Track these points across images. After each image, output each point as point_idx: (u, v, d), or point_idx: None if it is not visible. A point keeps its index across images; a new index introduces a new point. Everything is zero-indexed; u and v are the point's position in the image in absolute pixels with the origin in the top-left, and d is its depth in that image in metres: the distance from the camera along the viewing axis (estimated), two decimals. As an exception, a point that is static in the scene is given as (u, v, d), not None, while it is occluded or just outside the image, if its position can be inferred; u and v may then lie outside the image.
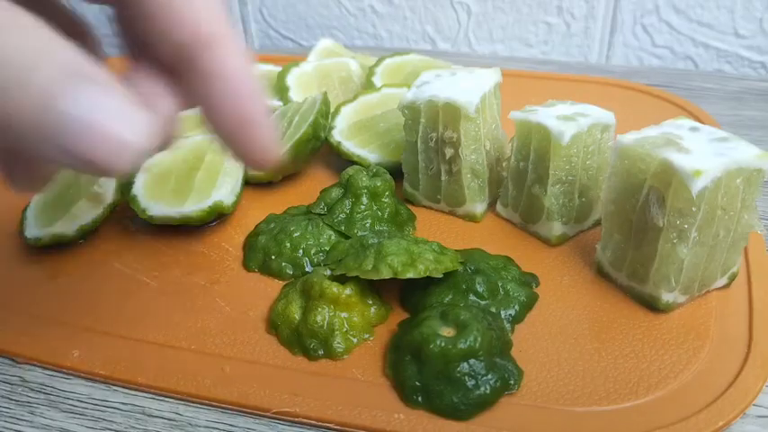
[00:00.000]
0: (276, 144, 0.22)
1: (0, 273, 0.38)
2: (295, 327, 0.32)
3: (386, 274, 0.32)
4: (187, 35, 0.20)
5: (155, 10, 0.20)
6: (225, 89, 0.21)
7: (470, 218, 0.41)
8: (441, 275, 0.33)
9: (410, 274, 0.32)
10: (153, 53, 0.21)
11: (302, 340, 0.32)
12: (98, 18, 0.31)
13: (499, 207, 0.41)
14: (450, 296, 0.33)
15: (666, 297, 0.33)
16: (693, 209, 0.30)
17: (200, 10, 0.20)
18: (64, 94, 0.17)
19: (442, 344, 0.29)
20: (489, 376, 0.29)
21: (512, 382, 0.29)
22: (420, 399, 0.29)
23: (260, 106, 0.22)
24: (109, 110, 0.17)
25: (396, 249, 0.33)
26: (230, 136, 0.22)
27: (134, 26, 0.21)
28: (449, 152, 0.38)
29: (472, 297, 0.33)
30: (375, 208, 0.39)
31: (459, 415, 0.28)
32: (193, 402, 0.30)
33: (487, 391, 0.28)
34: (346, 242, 0.37)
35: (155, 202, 0.39)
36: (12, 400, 0.31)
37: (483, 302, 0.33)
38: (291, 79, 0.51)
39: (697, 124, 0.34)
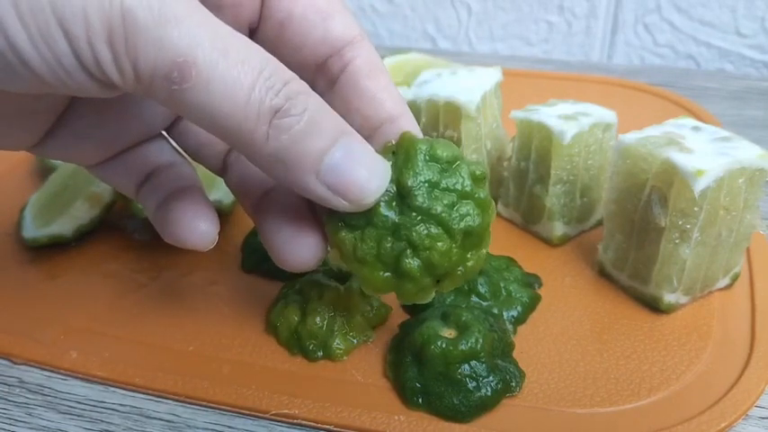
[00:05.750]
0: None
1: (-2, 273, 0.38)
2: (294, 328, 0.32)
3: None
4: (383, 119, 0.26)
5: (364, 105, 0.26)
6: None
7: (471, 218, 0.40)
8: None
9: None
10: None
11: (301, 341, 0.32)
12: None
13: (500, 207, 0.41)
14: (452, 297, 0.33)
15: (668, 298, 0.32)
16: (696, 209, 0.30)
17: (392, 99, 0.26)
18: (339, 145, 0.22)
19: (443, 345, 0.29)
20: (490, 378, 0.28)
21: (513, 384, 0.29)
22: (420, 401, 0.29)
23: None
24: (366, 155, 0.23)
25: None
26: None
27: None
28: (449, 151, 0.38)
29: (474, 298, 0.33)
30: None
31: (459, 417, 0.28)
32: (191, 404, 0.30)
33: (488, 394, 0.28)
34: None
35: (153, 201, 0.39)
36: (9, 401, 0.31)
37: (485, 303, 0.33)
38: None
39: (699, 124, 0.33)
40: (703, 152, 0.30)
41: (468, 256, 0.26)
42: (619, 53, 0.67)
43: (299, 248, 0.26)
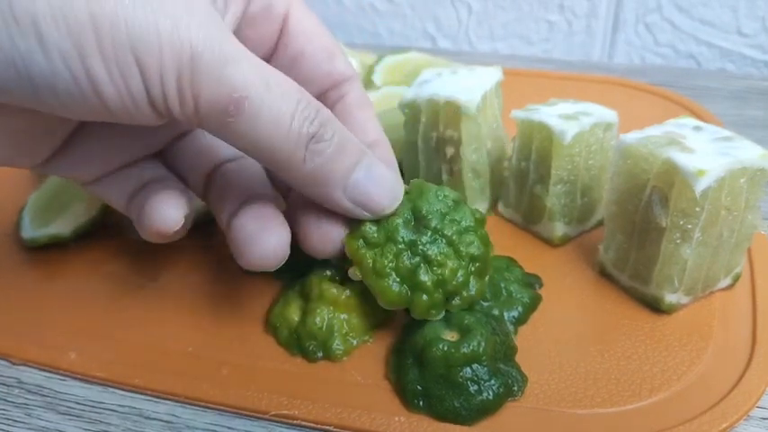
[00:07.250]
0: None
1: (-3, 273, 0.38)
2: (294, 328, 0.32)
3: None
4: (368, 143, 0.30)
5: (354, 132, 0.28)
6: None
7: (471, 218, 0.40)
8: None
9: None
10: None
11: (301, 342, 0.32)
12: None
13: (501, 207, 0.41)
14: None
15: (669, 298, 0.32)
16: (697, 209, 0.30)
17: (375, 128, 0.32)
18: (361, 166, 0.27)
19: (445, 348, 0.28)
20: (492, 382, 0.28)
21: (515, 388, 0.29)
22: (421, 403, 0.28)
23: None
24: (383, 174, 0.28)
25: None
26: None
27: None
28: (449, 151, 0.38)
29: (475, 299, 0.33)
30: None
31: (460, 420, 0.28)
32: (191, 404, 0.30)
33: (490, 397, 0.28)
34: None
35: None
36: (8, 401, 0.30)
37: (486, 304, 0.33)
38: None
39: (700, 123, 0.33)
40: (704, 152, 0.30)
41: (473, 280, 0.30)
42: (619, 52, 0.67)
43: (264, 244, 0.28)
